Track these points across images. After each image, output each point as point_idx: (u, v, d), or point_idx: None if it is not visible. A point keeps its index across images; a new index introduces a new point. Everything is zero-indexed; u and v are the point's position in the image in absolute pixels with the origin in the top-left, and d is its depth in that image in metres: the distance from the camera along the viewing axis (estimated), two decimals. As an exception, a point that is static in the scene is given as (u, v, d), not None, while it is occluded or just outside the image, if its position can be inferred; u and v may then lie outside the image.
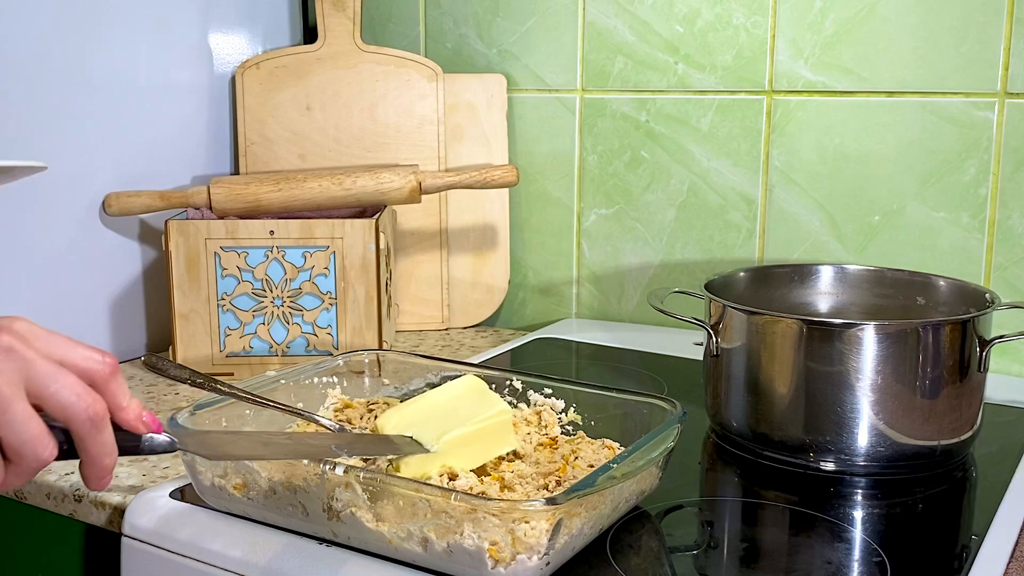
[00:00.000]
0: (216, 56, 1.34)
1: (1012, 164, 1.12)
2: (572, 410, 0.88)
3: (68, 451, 0.59)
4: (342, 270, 1.16)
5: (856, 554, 0.75)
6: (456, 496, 0.65)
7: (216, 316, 1.16)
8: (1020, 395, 1.06)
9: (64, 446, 0.58)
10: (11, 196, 1.11)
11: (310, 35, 1.46)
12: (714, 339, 0.93)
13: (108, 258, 1.22)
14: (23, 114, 1.11)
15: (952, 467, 0.89)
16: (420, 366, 0.95)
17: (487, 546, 0.65)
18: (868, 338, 0.84)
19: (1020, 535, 0.77)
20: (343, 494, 0.70)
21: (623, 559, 0.72)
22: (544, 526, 0.65)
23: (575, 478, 0.75)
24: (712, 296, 0.94)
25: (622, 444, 0.82)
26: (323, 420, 0.83)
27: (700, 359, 0.97)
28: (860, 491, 0.85)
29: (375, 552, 0.70)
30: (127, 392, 0.62)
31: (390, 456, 0.75)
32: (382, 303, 1.18)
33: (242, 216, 1.21)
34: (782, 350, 0.88)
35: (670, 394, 0.91)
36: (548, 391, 0.89)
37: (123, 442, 0.61)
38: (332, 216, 1.22)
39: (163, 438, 0.63)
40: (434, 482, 0.72)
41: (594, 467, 0.76)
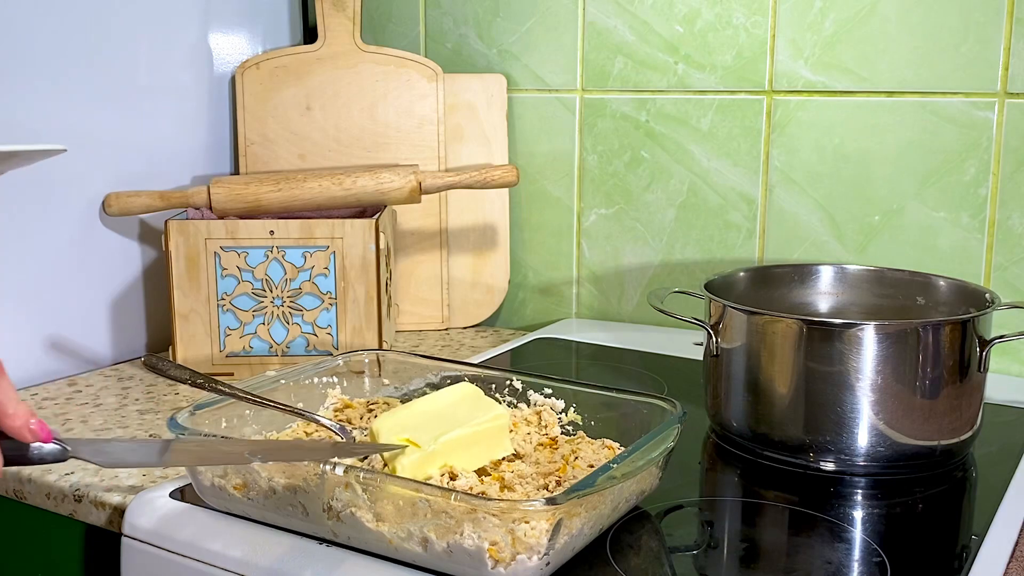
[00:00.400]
0: (216, 56, 1.34)
1: (1012, 164, 1.12)
2: (572, 410, 0.88)
3: None
4: (342, 270, 1.16)
5: (856, 554, 0.75)
6: (456, 496, 0.65)
7: (216, 316, 1.16)
8: (1020, 395, 1.06)
9: None
10: (11, 196, 1.11)
11: (310, 35, 1.46)
12: (714, 339, 0.93)
13: (108, 258, 1.22)
14: (23, 114, 1.11)
15: (952, 467, 0.89)
16: (420, 366, 0.95)
17: (487, 546, 0.65)
18: (868, 338, 0.84)
19: (1020, 535, 0.77)
20: (343, 494, 0.70)
21: (623, 559, 0.72)
22: (544, 526, 0.65)
23: (575, 478, 0.75)
24: (712, 296, 0.94)
25: (622, 444, 0.82)
26: (323, 420, 0.83)
27: (700, 359, 0.97)
28: (860, 491, 0.85)
29: (375, 552, 0.70)
30: (14, 397, 0.58)
31: (372, 454, 0.75)
32: (382, 303, 1.18)
33: (242, 216, 1.21)
34: (782, 350, 0.88)
35: (670, 394, 0.91)
36: (548, 391, 0.89)
37: (8, 451, 0.57)
38: (332, 216, 1.22)
39: (53, 447, 0.59)
40: (434, 482, 0.72)
41: (594, 467, 0.76)
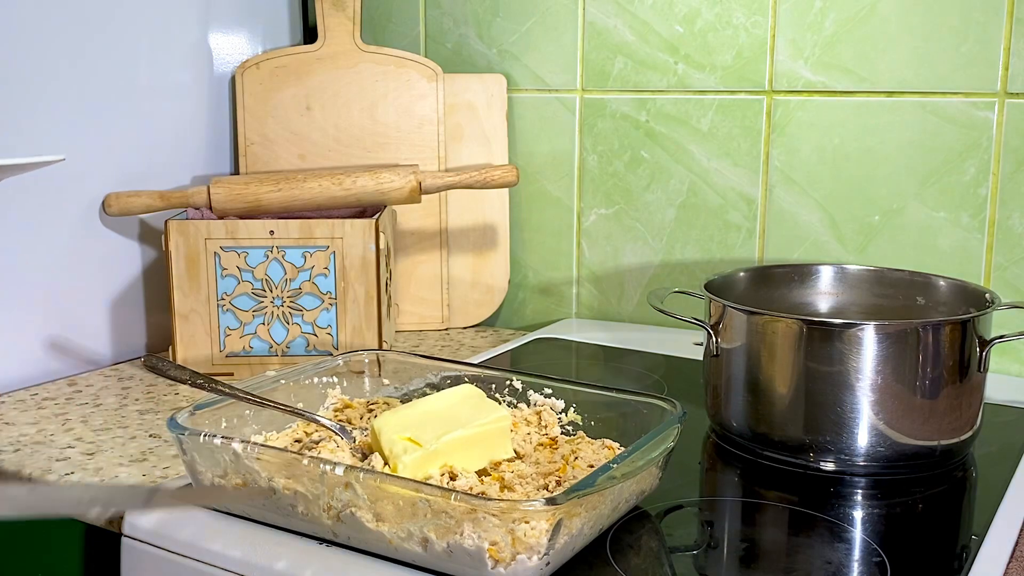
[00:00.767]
0: (216, 56, 1.34)
1: (1012, 164, 1.12)
2: (572, 410, 0.88)
3: None
4: (342, 270, 1.16)
5: (856, 554, 0.75)
6: (456, 496, 0.65)
7: (216, 316, 1.16)
8: (1020, 395, 1.06)
9: None
10: (11, 197, 1.11)
11: (310, 35, 1.46)
12: (714, 339, 0.93)
13: (108, 258, 1.22)
14: (23, 114, 1.11)
15: (952, 467, 0.89)
16: (420, 366, 0.95)
17: (487, 546, 0.65)
18: (868, 338, 0.84)
19: (1020, 535, 0.76)
20: (343, 494, 0.70)
21: (623, 559, 0.72)
22: (544, 526, 0.65)
23: (575, 478, 0.75)
24: (712, 296, 0.94)
25: (622, 444, 0.82)
26: (323, 420, 0.83)
27: (700, 359, 0.97)
28: (860, 491, 0.85)
29: (375, 552, 0.70)
30: None
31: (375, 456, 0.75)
32: (382, 303, 1.18)
33: (242, 216, 1.21)
34: (782, 350, 0.88)
35: (670, 394, 0.91)
36: (548, 391, 0.89)
37: None
38: (332, 216, 1.22)
39: None
40: (434, 482, 0.72)
41: (594, 467, 0.76)
